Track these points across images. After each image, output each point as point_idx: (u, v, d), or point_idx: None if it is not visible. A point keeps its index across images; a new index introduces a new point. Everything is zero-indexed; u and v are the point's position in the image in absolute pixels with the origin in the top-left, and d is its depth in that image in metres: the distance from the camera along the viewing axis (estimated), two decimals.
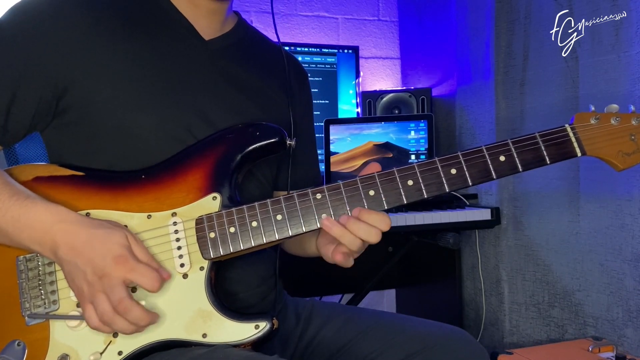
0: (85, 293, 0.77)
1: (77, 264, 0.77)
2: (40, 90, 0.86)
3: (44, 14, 0.86)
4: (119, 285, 0.75)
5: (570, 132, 0.87)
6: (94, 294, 0.76)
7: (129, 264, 0.76)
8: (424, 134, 1.92)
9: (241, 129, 0.91)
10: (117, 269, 0.75)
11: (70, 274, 0.78)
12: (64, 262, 0.78)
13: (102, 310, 0.75)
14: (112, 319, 0.76)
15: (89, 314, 0.77)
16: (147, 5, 0.95)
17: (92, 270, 0.76)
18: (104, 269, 0.75)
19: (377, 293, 2.36)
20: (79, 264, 0.76)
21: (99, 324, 0.77)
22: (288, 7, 2.25)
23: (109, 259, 0.76)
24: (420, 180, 0.86)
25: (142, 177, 0.87)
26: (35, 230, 0.78)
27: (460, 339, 0.99)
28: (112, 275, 0.75)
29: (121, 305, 0.75)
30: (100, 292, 0.75)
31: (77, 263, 0.77)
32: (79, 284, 0.77)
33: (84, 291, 0.77)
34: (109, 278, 0.75)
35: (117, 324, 0.76)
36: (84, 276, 0.76)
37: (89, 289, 0.76)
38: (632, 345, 1.41)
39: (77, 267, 0.77)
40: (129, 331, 0.77)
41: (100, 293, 0.75)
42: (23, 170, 0.86)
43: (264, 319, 0.83)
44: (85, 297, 0.77)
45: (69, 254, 0.77)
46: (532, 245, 1.71)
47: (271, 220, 0.85)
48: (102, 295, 0.75)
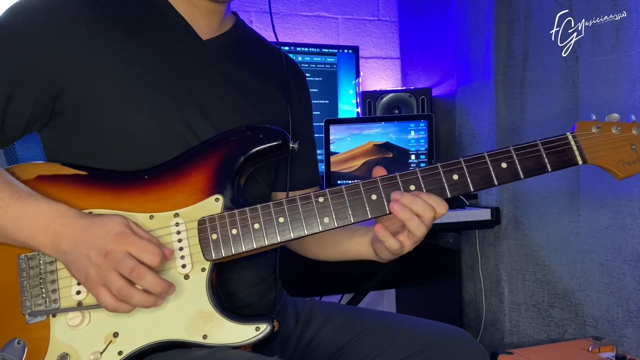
0: (94, 278, 0.76)
1: (80, 251, 0.77)
2: (36, 90, 0.86)
3: (40, 15, 0.86)
4: (125, 257, 0.75)
5: (572, 140, 0.88)
6: (103, 274, 0.75)
7: (130, 238, 0.77)
8: (424, 134, 1.92)
9: (244, 131, 0.91)
10: (120, 244, 0.76)
11: (75, 264, 0.78)
12: (67, 254, 0.78)
13: (118, 287, 0.75)
14: (130, 292, 0.75)
15: (103, 297, 0.76)
16: (144, 5, 0.95)
17: (96, 252, 0.76)
18: (106, 246, 0.76)
19: (377, 293, 2.36)
20: (82, 250, 0.77)
21: (116, 304, 0.76)
22: (288, 7, 2.25)
23: (110, 237, 0.76)
24: (422, 186, 0.86)
25: (144, 178, 0.87)
26: (37, 227, 0.79)
27: (460, 338, 0.99)
28: (116, 250, 0.75)
29: (135, 272, 0.75)
30: (109, 270, 0.75)
31: (80, 250, 0.77)
32: (85, 271, 0.77)
33: (92, 276, 0.76)
34: (114, 253, 0.75)
35: (135, 297, 0.76)
36: (89, 260, 0.76)
37: (97, 271, 0.76)
38: (632, 345, 1.41)
39: (81, 254, 0.77)
40: (147, 303, 0.77)
41: (110, 271, 0.75)
42: (25, 169, 0.86)
43: (264, 321, 0.83)
44: (96, 282, 0.76)
45: (71, 245, 0.77)
46: (532, 245, 1.71)
47: (273, 223, 0.85)
48: (112, 273, 0.75)
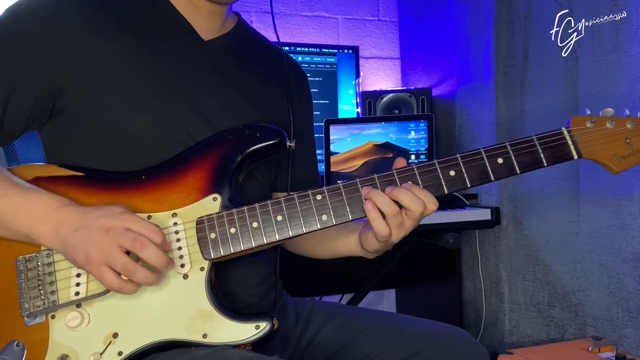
0: (95, 257, 0.76)
1: (81, 233, 0.77)
2: (36, 89, 0.86)
3: (40, 14, 0.86)
4: (127, 230, 0.76)
5: (567, 135, 0.88)
6: (107, 251, 0.75)
7: (132, 217, 0.78)
8: (424, 134, 1.92)
9: (241, 130, 0.91)
10: (121, 220, 0.77)
11: (75, 248, 0.77)
12: (67, 239, 0.78)
13: (122, 263, 0.75)
14: (134, 266, 0.76)
15: (107, 276, 0.76)
16: (145, 5, 0.95)
17: (97, 230, 0.76)
18: (107, 223, 0.76)
19: (377, 293, 2.36)
20: (83, 232, 0.77)
21: (119, 283, 0.77)
22: (288, 7, 2.25)
23: (111, 215, 0.77)
24: (420, 182, 0.86)
25: (142, 178, 0.87)
26: (38, 216, 0.79)
27: (460, 338, 0.99)
28: (117, 226, 0.76)
29: (137, 242, 0.75)
30: (112, 246, 0.75)
31: (81, 233, 0.77)
32: (86, 251, 0.76)
33: (94, 256, 0.76)
34: (114, 229, 0.76)
35: (139, 272, 0.76)
36: (91, 240, 0.76)
37: (99, 248, 0.76)
38: (632, 345, 1.41)
39: (82, 237, 0.77)
40: (150, 279, 0.77)
41: (113, 247, 0.75)
42: (22, 170, 0.87)
43: (264, 320, 0.83)
44: (98, 261, 0.76)
45: (72, 228, 0.78)
46: (532, 245, 1.71)
47: (272, 221, 0.85)
48: (116, 249, 0.75)
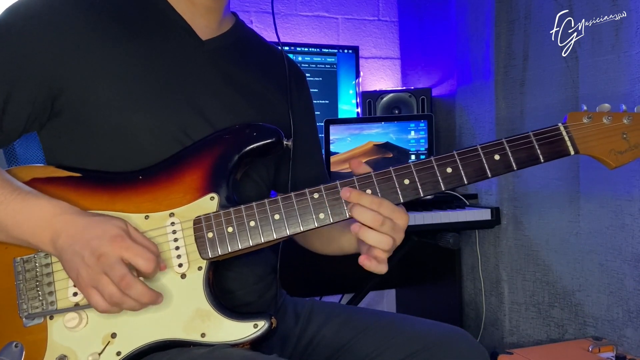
0: (86, 278, 0.76)
1: (75, 249, 0.76)
2: (35, 90, 0.86)
3: (39, 15, 0.86)
4: (117, 263, 0.75)
5: (564, 130, 0.88)
6: (95, 277, 0.75)
7: (125, 242, 0.76)
8: (424, 134, 1.92)
9: (238, 130, 0.91)
10: (114, 247, 0.75)
11: (69, 262, 0.77)
12: (63, 251, 0.78)
13: (110, 293, 0.75)
14: (122, 298, 0.75)
15: (94, 298, 0.76)
16: (143, 5, 0.95)
17: (89, 252, 0.75)
18: (100, 248, 0.75)
19: (377, 293, 2.36)
20: (77, 248, 0.76)
21: (107, 307, 0.76)
22: (288, 7, 2.26)
23: (106, 238, 0.76)
24: (417, 179, 0.86)
25: (139, 178, 0.87)
26: (37, 223, 0.79)
27: (460, 338, 0.98)
28: (109, 254, 0.75)
29: (124, 281, 0.75)
30: (101, 274, 0.75)
31: (75, 248, 0.76)
32: (77, 270, 0.76)
33: (84, 277, 0.76)
34: (107, 257, 0.75)
35: (126, 303, 0.76)
36: (82, 260, 0.76)
37: (89, 272, 0.76)
38: (632, 345, 1.41)
39: (76, 252, 0.76)
40: (138, 309, 0.78)
41: (101, 275, 0.75)
42: (21, 171, 0.87)
43: (262, 318, 0.83)
44: (87, 283, 0.76)
45: (68, 241, 0.77)
46: (532, 245, 1.71)
47: (269, 220, 0.85)
48: (104, 277, 0.75)
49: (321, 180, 1.14)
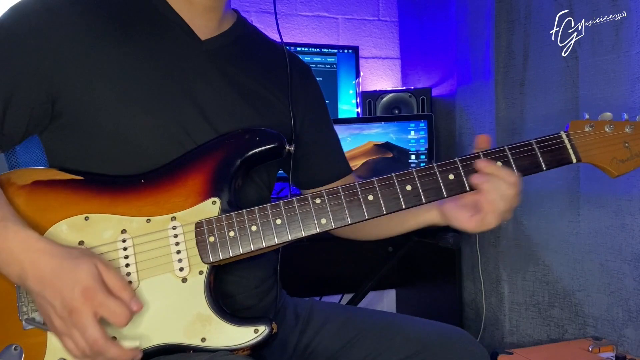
0: (59, 327, 0.75)
1: (46, 296, 0.74)
2: (35, 93, 0.85)
3: (39, 17, 0.86)
4: (90, 325, 0.73)
5: (566, 139, 0.89)
6: (69, 330, 0.74)
7: (98, 298, 0.73)
8: (424, 134, 1.92)
9: (241, 134, 0.91)
10: (86, 305, 0.73)
11: (41, 307, 0.76)
12: (33, 293, 0.76)
13: (83, 348, 0.74)
14: (95, 357, 0.74)
15: (69, 346, 0.75)
16: (142, 6, 0.95)
17: (61, 304, 0.73)
18: (72, 302, 0.73)
19: (377, 293, 2.36)
20: (48, 296, 0.74)
21: (80, 356, 0.75)
22: (288, 7, 2.25)
23: (77, 291, 0.73)
24: (419, 186, 0.86)
25: (141, 181, 0.87)
26: (3, 256, 0.76)
27: (460, 339, 0.99)
28: (81, 312, 0.73)
29: (96, 346, 0.73)
30: (73, 329, 0.73)
31: (46, 295, 0.74)
32: (51, 318, 0.75)
33: (57, 326, 0.75)
34: (79, 314, 0.73)
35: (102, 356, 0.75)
36: (55, 310, 0.74)
37: (62, 324, 0.74)
38: (632, 345, 1.41)
39: (46, 300, 0.75)
40: None
41: (74, 330, 0.73)
42: (22, 174, 0.86)
43: (263, 323, 0.83)
44: (61, 332, 0.75)
45: (38, 286, 0.75)
46: (532, 245, 1.71)
47: (270, 225, 0.85)
48: (77, 333, 0.73)
49: (344, 173, 1.16)
